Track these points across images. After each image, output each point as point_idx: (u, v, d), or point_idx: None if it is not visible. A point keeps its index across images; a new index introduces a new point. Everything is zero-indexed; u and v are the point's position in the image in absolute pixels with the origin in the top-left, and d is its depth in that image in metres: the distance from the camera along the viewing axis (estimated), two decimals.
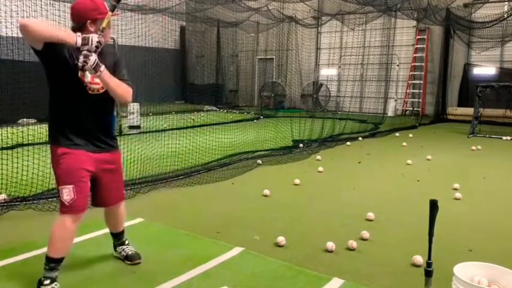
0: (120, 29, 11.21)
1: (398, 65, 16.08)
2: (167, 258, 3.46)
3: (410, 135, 10.82)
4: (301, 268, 3.31)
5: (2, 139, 6.70)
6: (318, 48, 17.93)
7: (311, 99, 17.38)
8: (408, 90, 16.06)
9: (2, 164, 5.33)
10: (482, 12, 13.81)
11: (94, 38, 2.61)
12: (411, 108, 15.86)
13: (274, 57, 18.77)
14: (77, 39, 2.60)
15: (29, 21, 2.59)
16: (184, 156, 6.98)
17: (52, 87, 2.87)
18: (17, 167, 5.32)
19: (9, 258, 3.35)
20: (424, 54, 15.60)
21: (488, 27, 13.54)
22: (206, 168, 6.54)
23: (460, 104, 14.87)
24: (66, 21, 2.87)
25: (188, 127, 10.65)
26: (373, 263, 3.48)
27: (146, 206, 4.79)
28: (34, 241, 3.61)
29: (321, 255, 3.59)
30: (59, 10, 8.58)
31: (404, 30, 15.96)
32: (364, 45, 16.68)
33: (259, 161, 7.12)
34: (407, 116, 15.36)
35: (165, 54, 16.71)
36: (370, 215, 4.46)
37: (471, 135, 10.87)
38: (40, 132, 7.45)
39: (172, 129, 10.42)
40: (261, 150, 8.02)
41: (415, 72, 15.84)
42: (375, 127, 12.17)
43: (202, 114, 15.01)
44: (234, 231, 4.09)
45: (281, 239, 3.75)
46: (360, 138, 10.09)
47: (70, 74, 2.73)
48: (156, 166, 6.36)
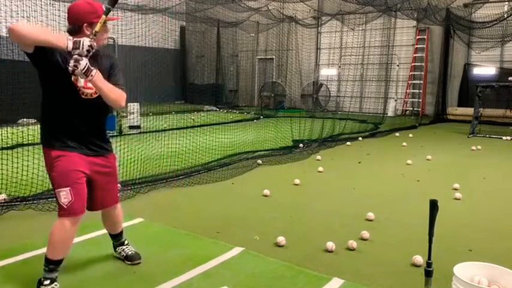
0: (120, 29, 11.23)
1: (398, 65, 16.07)
2: (167, 258, 3.46)
3: (410, 135, 10.82)
4: (301, 268, 3.31)
5: (2, 139, 6.70)
6: (318, 48, 17.92)
7: (311, 99, 17.37)
8: (408, 90, 16.05)
9: (2, 164, 5.33)
10: (482, 12, 13.80)
11: (85, 42, 2.54)
12: (411, 108, 15.86)
13: (274, 57, 18.76)
14: (68, 43, 2.53)
15: (17, 26, 2.50)
16: (184, 156, 6.98)
17: (45, 89, 2.82)
18: (17, 167, 5.32)
19: (9, 258, 3.35)
20: (424, 54, 15.59)
21: (488, 27, 13.53)
22: (206, 168, 6.54)
23: (460, 104, 14.87)
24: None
25: (188, 127, 10.63)
26: (373, 263, 3.47)
27: (146, 206, 4.79)
28: (34, 241, 3.60)
29: (321, 255, 3.59)
30: (59, 10, 8.58)
31: (404, 30, 15.96)
32: (364, 45, 16.68)
33: (259, 161, 7.12)
34: (407, 116, 15.36)
35: (165, 54, 16.72)
36: (370, 215, 4.46)
37: (471, 135, 10.87)
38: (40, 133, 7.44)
39: (172, 129, 10.43)
40: (261, 150, 8.02)
41: (415, 72, 15.83)
42: (375, 127, 12.16)
43: (202, 114, 15.00)
44: (234, 231, 4.09)
45: (281, 239, 3.75)
46: (360, 138, 10.09)
47: (62, 77, 2.68)
48: (156, 166, 6.36)
